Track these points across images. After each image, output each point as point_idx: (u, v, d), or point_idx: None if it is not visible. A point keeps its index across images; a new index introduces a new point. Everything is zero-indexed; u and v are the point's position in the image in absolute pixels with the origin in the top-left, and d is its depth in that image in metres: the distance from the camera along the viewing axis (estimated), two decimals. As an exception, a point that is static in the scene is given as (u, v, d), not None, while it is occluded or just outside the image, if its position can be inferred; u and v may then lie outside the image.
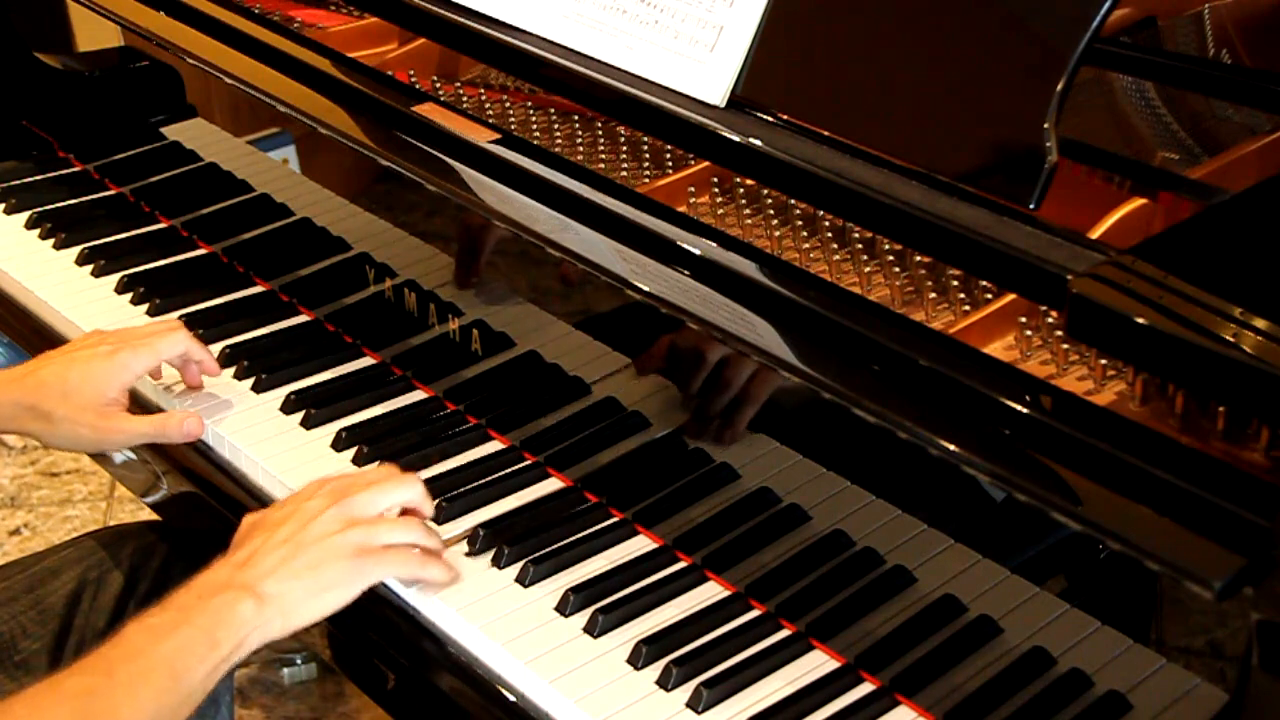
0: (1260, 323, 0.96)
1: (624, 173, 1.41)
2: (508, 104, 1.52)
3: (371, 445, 1.44)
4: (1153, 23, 1.46)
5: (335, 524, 1.23)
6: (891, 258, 1.24)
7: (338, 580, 1.21)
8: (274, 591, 1.18)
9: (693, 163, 1.37)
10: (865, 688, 1.18)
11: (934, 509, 1.15)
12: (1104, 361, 1.09)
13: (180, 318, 1.64)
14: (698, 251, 1.26)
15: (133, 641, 1.15)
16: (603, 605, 1.25)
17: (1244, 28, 1.45)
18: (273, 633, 1.19)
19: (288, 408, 1.51)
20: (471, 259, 1.47)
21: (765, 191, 1.35)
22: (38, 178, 1.97)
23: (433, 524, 1.33)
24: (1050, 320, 1.13)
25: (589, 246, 1.31)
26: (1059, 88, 1.13)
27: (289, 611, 1.19)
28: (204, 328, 1.62)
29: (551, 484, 1.41)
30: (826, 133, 1.26)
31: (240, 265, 1.76)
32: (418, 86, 1.55)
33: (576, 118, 1.49)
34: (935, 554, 1.16)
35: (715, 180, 1.37)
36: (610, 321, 1.34)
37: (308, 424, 1.48)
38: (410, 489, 1.29)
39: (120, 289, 1.72)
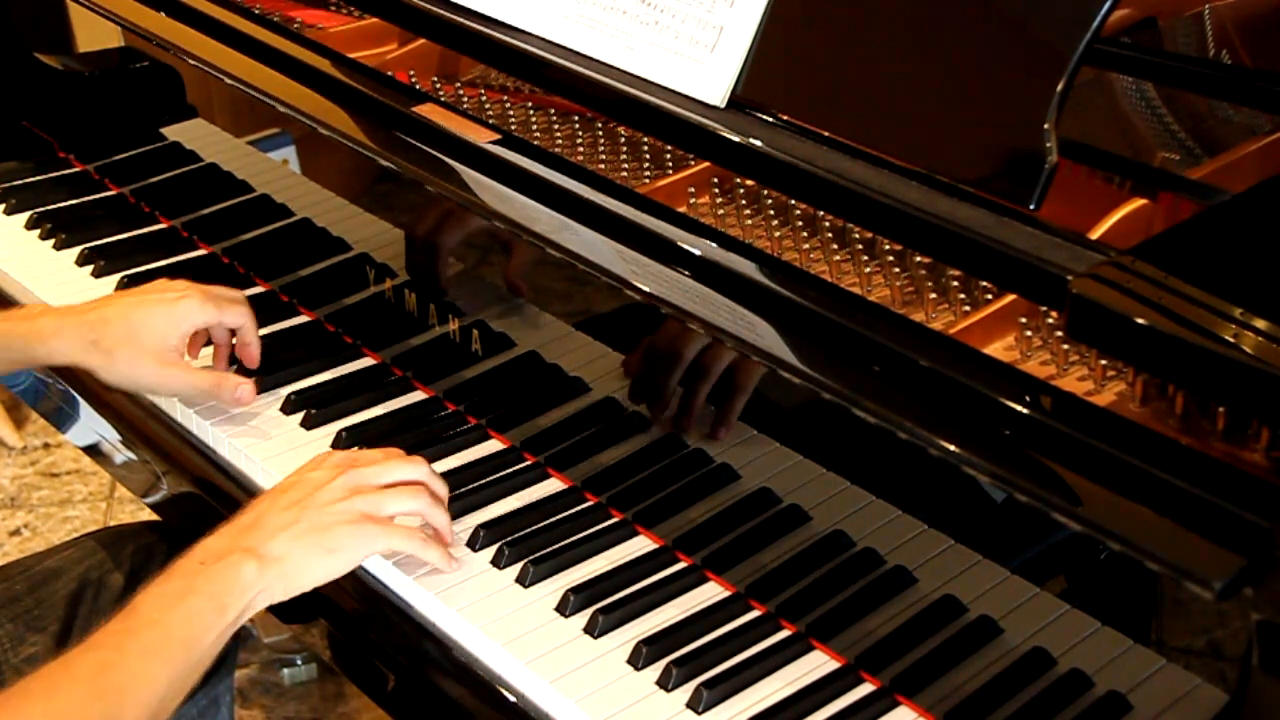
0: (1260, 323, 0.96)
1: (624, 173, 1.41)
2: (508, 104, 1.52)
3: (372, 446, 1.44)
4: (1153, 23, 1.46)
5: (341, 491, 1.25)
6: (891, 258, 1.24)
7: (342, 544, 1.23)
8: (277, 553, 1.20)
9: (693, 163, 1.37)
10: (865, 688, 1.18)
11: (934, 509, 1.15)
12: (1104, 362, 1.09)
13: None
14: (698, 252, 1.26)
15: (141, 613, 1.16)
16: (603, 605, 1.25)
17: (1244, 28, 1.45)
18: (276, 595, 1.21)
19: (288, 408, 1.51)
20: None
21: (765, 192, 1.35)
22: (38, 178, 1.96)
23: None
24: (1050, 321, 1.13)
25: (589, 246, 1.31)
26: (1059, 88, 1.13)
27: (291, 574, 1.21)
28: (204, 328, 1.62)
29: (551, 484, 1.41)
30: (826, 133, 1.26)
31: (240, 266, 1.76)
32: (418, 87, 1.55)
33: (577, 118, 1.49)
34: (935, 554, 1.16)
35: (715, 181, 1.37)
36: (610, 321, 1.34)
37: (308, 424, 1.49)
38: (415, 467, 1.30)
39: (121, 290, 1.72)
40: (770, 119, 1.31)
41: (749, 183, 1.36)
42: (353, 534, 1.23)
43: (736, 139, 1.30)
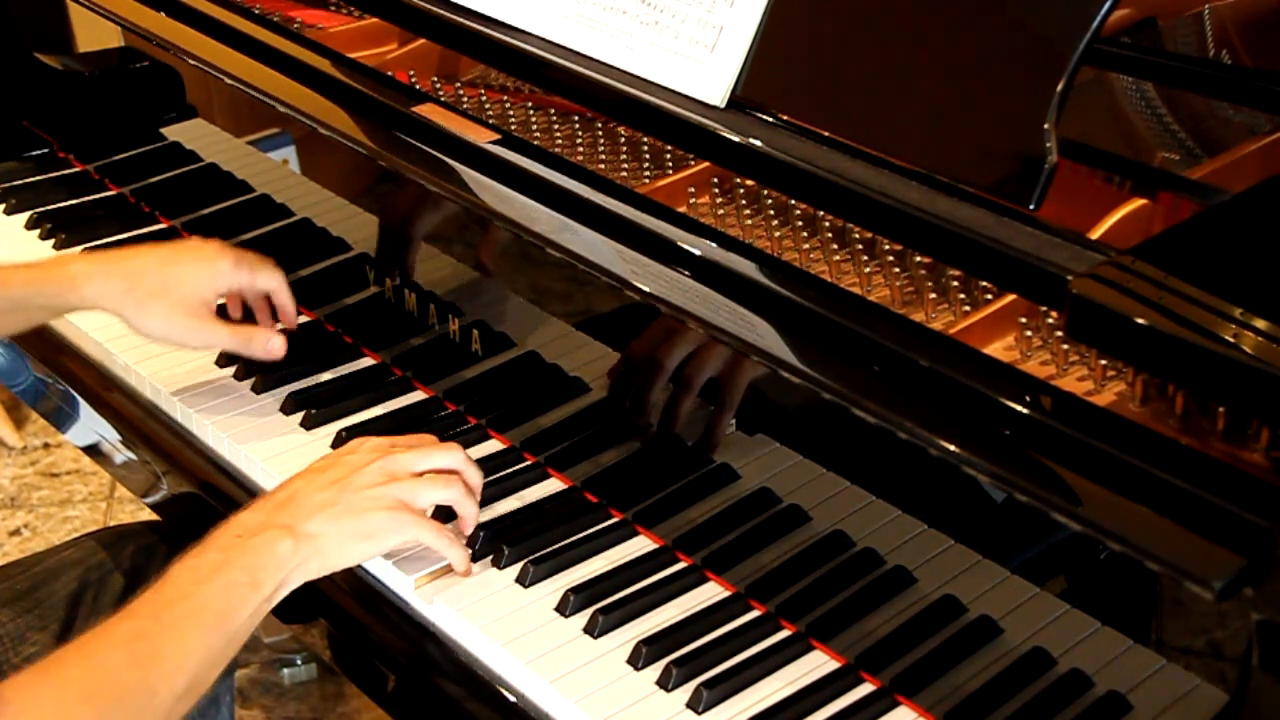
0: (1260, 323, 0.96)
1: (624, 173, 1.41)
2: (508, 104, 1.52)
3: (372, 446, 1.44)
4: (1153, 23, 1.46)
5: (379, 476, 1.26)
6: (891, 258, 1.24)
7: (376, 530, 1.23)
8: (313, 531, 1.21)
9: (693, 163, 1.37)
10: (865, 688, 1.18)
11: (934, 509, 1.15)
12: (1104, 362, 1.09)
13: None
14: (698, 252, 1.26)
15: (177, 584, 1.17)
16: (603, 606, 1.25)
17: (1244, 28, 1.45)
18: (310, 572, 1.21)
19: (288, 408, 1.51)
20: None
21: (765, 192, 1.35)
22: (38, 178, 1.97)
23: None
24: (1050, 320, 1.13)
25: (589, 246, 1.31)
26: (1059, 88, 1.13)
27: (326, 552, 1.22)
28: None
29: (551, 484, 1.41)
30: (826, 133, 1.26)
31: (240, 266, 1.76)
32: (418, 87, 1.55)
33: (576, 118, 1.49)
34: (935, 554, 1.16)
35: (715, 181, 1.37)
36: (610, 321, 1.34)
37: (308, 424, 1.48)
38: (451, 455, 1.31)
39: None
40: (770, 119, 1.31)
41: (749, 183, 1.36)
42: (386, 521, 1.24)
43: (736, 139, 1.30)
